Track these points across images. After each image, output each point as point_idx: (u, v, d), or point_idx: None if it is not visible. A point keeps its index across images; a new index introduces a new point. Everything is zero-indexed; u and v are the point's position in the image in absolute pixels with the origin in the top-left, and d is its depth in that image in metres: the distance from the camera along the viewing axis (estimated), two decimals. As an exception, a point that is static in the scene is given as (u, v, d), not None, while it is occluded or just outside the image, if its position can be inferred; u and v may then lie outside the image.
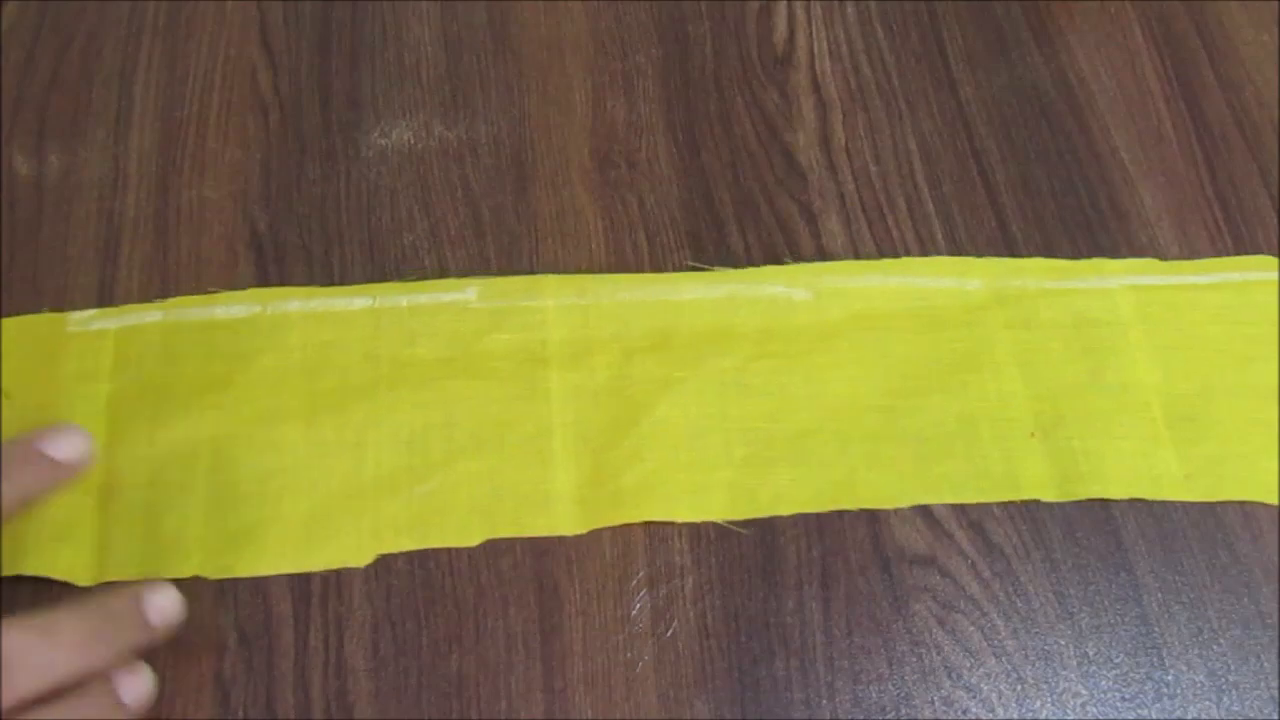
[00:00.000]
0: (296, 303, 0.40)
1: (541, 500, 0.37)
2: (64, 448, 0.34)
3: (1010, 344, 0.40)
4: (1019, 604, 0.35)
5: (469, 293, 0.40)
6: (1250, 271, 0.41)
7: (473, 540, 0.36)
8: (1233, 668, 0.34)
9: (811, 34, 0.46)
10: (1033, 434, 0.38)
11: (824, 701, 0.34)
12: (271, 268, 0.41)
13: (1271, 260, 0.42)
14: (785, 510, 0.37)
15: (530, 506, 0.37)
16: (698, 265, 0.40)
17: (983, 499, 0.37)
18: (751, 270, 0.41)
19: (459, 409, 0.38)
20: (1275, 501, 0.37)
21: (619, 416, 0.38)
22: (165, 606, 0.33)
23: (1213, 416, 0.39)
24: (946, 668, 0.34)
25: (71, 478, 0.34)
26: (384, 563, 0.36)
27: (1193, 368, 0.39)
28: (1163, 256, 0.41)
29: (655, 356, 0.39)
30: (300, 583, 0.36)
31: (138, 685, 0.32)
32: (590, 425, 0.38)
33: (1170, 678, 0.34)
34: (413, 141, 0.44)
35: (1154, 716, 0.34)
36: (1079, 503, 0.37)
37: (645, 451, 0.37)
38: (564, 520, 0.36)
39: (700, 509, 0.37)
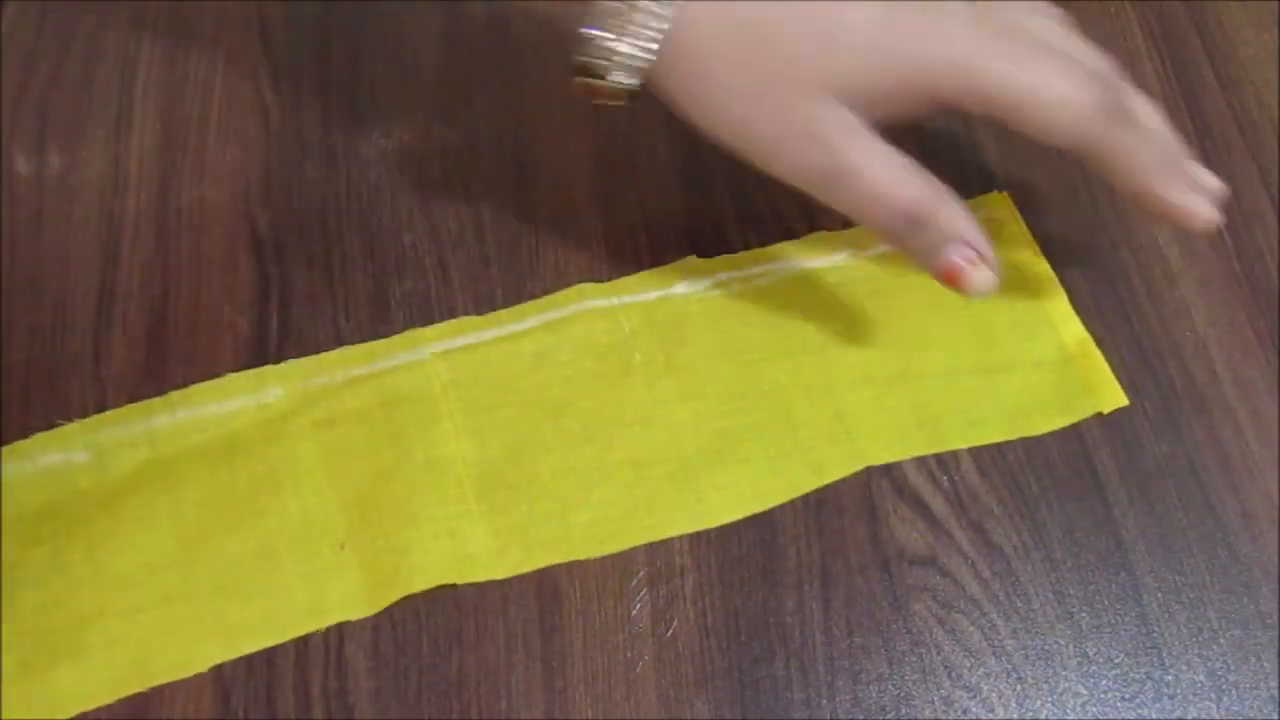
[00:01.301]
0: None
1: None
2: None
3: (316, 449, 0.37)
4: (1019, 604, 0.35)
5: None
6: (564, 308, 0.39)
7: None
8: (1233, 668, 0.34)
9: (811, 34, 0.46)
10: (343, 545, 0.35)
11: (824, 701, 0.34)
12: (272, 268, 0.41)
13: (590, 289, 0.40)
14: (75, 708, 0.33)
15: None
16: None
17: (284, 637, 0.34)
18: (20, 445, 0.37)
19: None
20: (594, 555, 0.35)
21: None
22: None
23: (523, 478, 0.36)
24: (946, 667, 0.34)
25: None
26: (384, 563, 0.36)
27: (504, 428, 0.37)
28: (1163, 257, 0.41)
29: None
30: (300, 583, 0.36)
31: None
32: None
33: (1170, 678, 0.34)
34: (413, 141, 0.44)
35: (1154, 716, 0.34)
36: (1079, 502, 0.37)
37: None
38: None
39: None
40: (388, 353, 0.39)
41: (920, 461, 0.37)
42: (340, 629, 0.35)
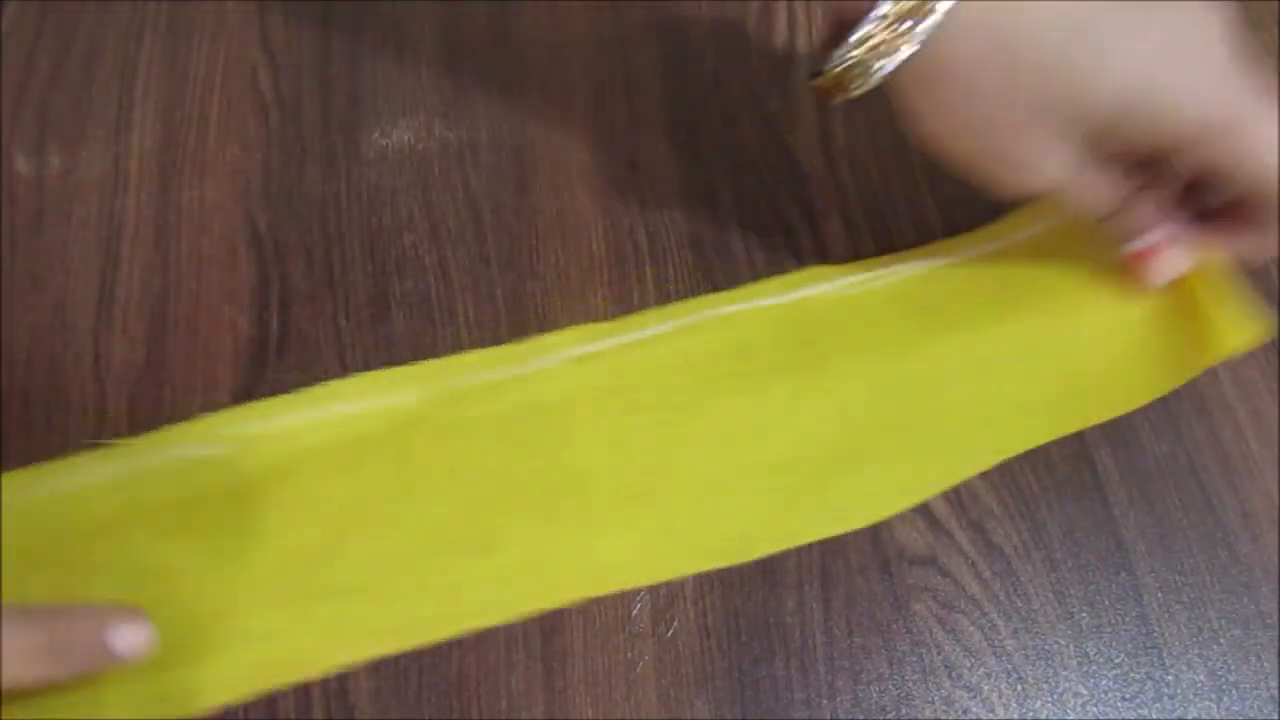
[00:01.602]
0: None
1: None
2: (128, 639, 0.31)
3: (446, 457, 0.36)
4: (1019, 604, 0.35)
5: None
6: (693, 315, 0.39)
7: None
8: (1233, 668, 0.34)
9: (812, 34, 0.46)
10: (476, 553, 0.35)
11: (824, 701, 0.34)
12: (272, 268, 0.41)
13: (717, 297, 0.40)
14: (212, 702, 0.33)
15: None
16: (97, 440, 0.37)
17: (411, 644, 0.34)
18: (155, 435, 0.37)
19: None
20: (733, 562, 0.35)
21: None
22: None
23: (659, 486, 0.36)
24: (947, 667, 0.34)
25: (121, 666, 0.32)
26: (384, 563, 0.36)
27: (639, 435, 0.37)
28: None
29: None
30: (300, 583, 0.36)
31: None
32: None
33: (1170, 678, 0.34)
34: (413, 141, 0.44)
35: (1154, 716, 0.34)
36: (1079, 502, 0.37)
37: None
38: None
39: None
40: (520, 358, 0.38)
41: (920, 461, 0.37)
42: (340, 629, 0.35)
